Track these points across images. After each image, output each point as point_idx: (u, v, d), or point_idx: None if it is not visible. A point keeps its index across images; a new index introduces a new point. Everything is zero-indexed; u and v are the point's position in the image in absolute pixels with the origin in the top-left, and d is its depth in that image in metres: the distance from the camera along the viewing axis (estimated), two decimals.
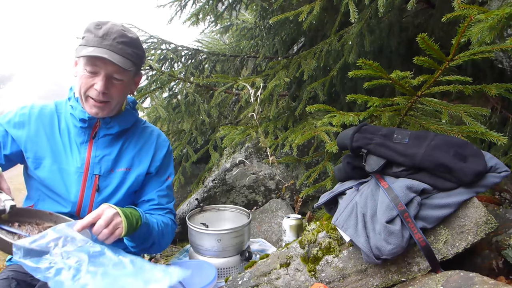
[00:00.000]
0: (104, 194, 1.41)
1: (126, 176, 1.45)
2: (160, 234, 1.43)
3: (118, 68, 1.30)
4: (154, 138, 1.54)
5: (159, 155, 1.53)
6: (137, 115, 1.54)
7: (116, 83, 1.34)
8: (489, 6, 1.71)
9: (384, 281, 1.18)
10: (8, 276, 1.27)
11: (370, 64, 1.33)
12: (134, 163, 1.47)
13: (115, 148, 1.44)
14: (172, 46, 3.12)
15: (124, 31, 1.32)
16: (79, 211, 1.39)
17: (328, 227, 1.31)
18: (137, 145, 1.49)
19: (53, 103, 1.47)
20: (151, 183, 1.51)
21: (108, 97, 1.33)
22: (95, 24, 1.31)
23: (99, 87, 1.29)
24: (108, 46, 1.27)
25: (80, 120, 1.37)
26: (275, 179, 2.48)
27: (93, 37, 1.28)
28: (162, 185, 1.54)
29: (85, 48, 1.27)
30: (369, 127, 1.32)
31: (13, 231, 1.10)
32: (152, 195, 1.51)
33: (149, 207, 1.51)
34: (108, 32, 1.29)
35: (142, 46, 1.41)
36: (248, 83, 2.19)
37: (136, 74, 1.43)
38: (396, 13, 2.21)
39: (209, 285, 1.38)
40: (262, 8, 2.97)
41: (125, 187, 1.45)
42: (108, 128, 1.42)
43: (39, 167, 1.37)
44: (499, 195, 1.71)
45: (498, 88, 1.31)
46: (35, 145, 1.37)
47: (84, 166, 1.38)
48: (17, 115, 1.39)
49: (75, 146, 1.40)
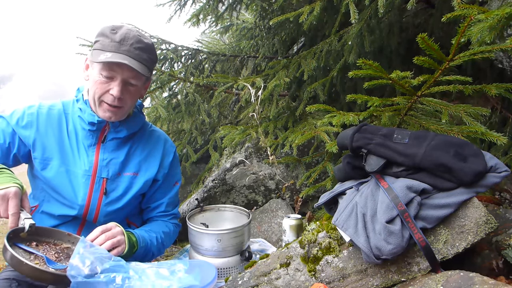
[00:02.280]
0: (111, 198, 1.41)
1: (133, 180, 1.45)
2: (160, 246, 1.46)
3: (135, 74, 1.31)
4: (162, 144, 1.55)
5: (167, 161, 1.54)
6: (144, 118, 1.54)
7: (130, 89, 1.34)
8: (489, 6, 1.71)
9: (384, 281, 1.18)
10: (9, 276, 1.27)
11: (370, 64, 1.33)
12: (142, 168, 1.47)
13: (122, 151, 1.44)
14: (172, 46, 3.12)
15: (140, 36, 1.32)
16: (86, 214, 1.39)
17: (328, 227, 1.31)
18: (145, 149, 1.49)
19: (60, 103, 1.46)
20: (159, 191, 1.53)
21: (122, 103, 1.33)
22: (110, 29, 1.30)
23: (115, 93, 1.28)
24: (126, 52, 1.27)
25: (89, 123, 1.37)
26: (275, 179, 2.48)
27: (110, 41, 1.27)
28: (170, 192, 1.55)
29: (103, 53, 1.26)
30: (369, 127, 1.32)
31: (30, 251, 1.10)
32: (160, 203, 1.53)
33: (155, 213, 1.54)
34: (125, 37, 1.28)
35: (156, 51, 1.41)
36: (248, 83, 2.19)
37: (147, 79, 1.43)
38: (396, 13, 2.21)
39: (209, 285, 1.38)
40: (262, 8, 2.97)
41: (132, 191, 1.45)
42: (117, 132, 1.41)
43: (47, 168, 1.36)
44: (499, 195, 1.71)
45: (498, 88, 1.31)
46: (43, 145, 1.36)
47: (92, 169, 1.38)
48: (25, 114, 1.38)
49: (83, 148, 1.40)
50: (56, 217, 1.39)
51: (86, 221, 1.42)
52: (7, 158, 1.36)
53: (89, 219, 1.41)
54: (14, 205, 1.10)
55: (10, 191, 1.11)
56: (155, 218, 1.55)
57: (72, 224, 1.41)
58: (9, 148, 1.35)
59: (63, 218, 1.39)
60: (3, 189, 1.10)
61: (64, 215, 1.38)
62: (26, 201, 1.16)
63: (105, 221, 1.42)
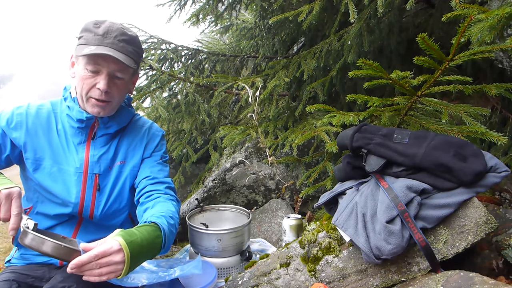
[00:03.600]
0: (105, 192, 1.41)
1: (121, 169, 1.45)
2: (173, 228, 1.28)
3: (120, 66, 1.30)
4: (146, 130, 1.54)
5: (152, 143, 1.53)
6: (133, 112, 1.54)
7: (117, 82, 1.33)
8: (489, 6, 1.71)
9: (384, 281, 1.18)
10: (9, 278, 1.25)
11: (370, 64, 1.33)
12: (128, 156, 1.47)
13: (112, 146, 1.44)
14: (172, 46, 3.12)
15: (124, 29, 1.32)
16: (81, 212, 1.38)
17: (328, 227, 1.31)
18: (131, 138, 1.49)
19: (48, 103, 1.45)
20: (145, 164, 1.50)
21: (110, 97, 1.33)
22: (93, 23, 1.30)
23: (102, 86, 1.28)
24: (110, 44, 1.26)
25: (77, 121, 1.36)
26: (275, 179, 2.48)
27: (93, 35, 1.27)
28: (155, 163, 1.51)
29: (86, 47, 1.26)
30: (369, 127, 1.32)
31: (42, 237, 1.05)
32: (147, 172, 1.47)
33: (147, 182, 1.45)
34: (109, 30, 1.28)
35: (141, 44, 1.40)
36: (248, 83, 2.19)
37: (134, 73, 1.42)
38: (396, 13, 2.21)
39: (209, 285, 1.38)
40: (262, 8, 2.97)
41: (121, 180, 1.44)
42: (106, 128, 1.41)
43: (39, 168, 1.36)
44: (499, 195, 1.71)
45: (498, 88, 1.31)
46: (34, 145, 1.36)
47: (83, 166, 1.38)
48: (14, 115, 1.37)
49: (73, 146, 1.39)
50: (52, 217, 1.38)
51: (83, 218, 1.41)
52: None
53: (85, 216, 1.40)
54: (17, 206, 1.09)
55: (14, 191, 1.10)
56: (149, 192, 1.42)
57: (69, 223, 1.40)
58: (0, 150, 1.34)
59: (59, 218, 1.39)
60: (7, 188, 1.10)
61: (60, 214, 1.38)
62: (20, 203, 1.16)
63: (102, 217, 1.42)
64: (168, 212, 1.30)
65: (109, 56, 1.25)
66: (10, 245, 2.86)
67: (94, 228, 1.43)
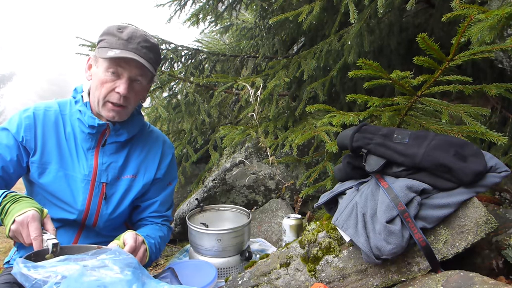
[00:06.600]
0: (111, 202, 1.40)
1: (132, 183, 1.43)
2: (157, 252, 1.43)
3: (142, 71, 1.30)
4: (160, 145, 1.53)
5: (165, 162, 1.52)
6: (143, 120, 1.53)
7: (136, 88, 1.33)
8: (489, 6, 1.71)
9: (384, 281, 1.18)
10: (9, 280, 1.23)
11: (370, 64, 1.33)
12: (140, 171, 1.45)
13: (121, 155, 1.42)
14: (172, 46, 3.12)
15: (147, 36, 1.32)
16: (85, 219, 1.38)
17: (328, 227, 1.31)
18: (143, 151, 1.48)
19: (55, 104, 1.42)
20: (153, 188, 1.50)
21: (127, 102, 1.32)
22: (116, 28, 1.30)
23: (122, 90, 1.28)
24: (134, 49, 1.27)
25: (89, 127, 1.34)
26: (275, 179, 2.48)
27: (117, 40, 1.27)
28: (164, 191, 1.53)
29: (110, 50, 1.25)
30: (369, 127, 1.32)
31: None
32: (152, 201, 1.50)
33: (147, 214, 1.50)
34: (133, 35, 1.28)
35: (160, 52, 1.41)
36: (248, 83, 2.19)
37: (151, 80, 1.43)
38: (396, 13, 2.21)
39: (209, 285, 1.38)
40: (262, 8, 2.97)
41: (131, 194, 1.43)
42: (117, 136, 1.40)
43: (44, 173, 1.33)
44: (499, 195, 1.71)
45: (498, 88, 1.31)
46: (42, 148, 1.34)
47: (91, 174, 1.36)
48: (22, 119, 1.34)
49: (82, 152, 1.37)
50: (54, 220, 1.36)
51: (85, 226, 1.40)
52: (21, 168, 1.33)
53: (88, 224, 1.39)
54: (34, 229, 1.05)
55: (27, 215, 1.06)
56: (147, 219, 1.52)
57: (71, 228, 1.39)
58: (18, 161, 1.32)
59: (61, 222, 1.37)
60: (21, 214, 1.06)
61: (63, 219, 1.36)
62: (49, 223, 1.12)
63: (104, 226, 1.41)
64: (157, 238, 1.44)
65: (133, 61, 1.26)
66: (10, 245, 2.85)
67: (94, 234, 1.43)
